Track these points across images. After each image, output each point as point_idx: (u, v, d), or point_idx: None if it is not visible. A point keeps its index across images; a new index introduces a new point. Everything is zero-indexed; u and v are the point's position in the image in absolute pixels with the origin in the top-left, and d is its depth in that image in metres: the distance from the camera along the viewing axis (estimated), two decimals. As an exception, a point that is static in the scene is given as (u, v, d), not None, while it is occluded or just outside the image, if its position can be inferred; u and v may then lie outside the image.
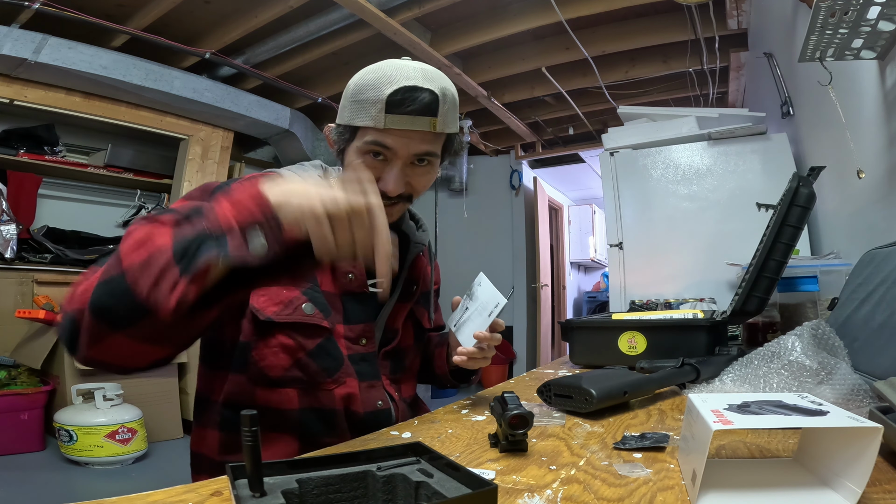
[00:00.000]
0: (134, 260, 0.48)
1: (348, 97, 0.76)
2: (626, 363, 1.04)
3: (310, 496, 0.40)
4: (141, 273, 0.47)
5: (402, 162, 0.74)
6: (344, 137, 0.77)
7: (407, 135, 0.73)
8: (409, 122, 0.72)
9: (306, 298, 0.77)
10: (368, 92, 0.72)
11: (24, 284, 3.12)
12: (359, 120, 0.73)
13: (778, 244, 1.07)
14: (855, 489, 0.39)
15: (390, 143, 0.73)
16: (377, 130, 0.72)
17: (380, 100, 0.71)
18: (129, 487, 1.66)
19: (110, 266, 0.50)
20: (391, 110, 0.71)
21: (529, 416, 0.56)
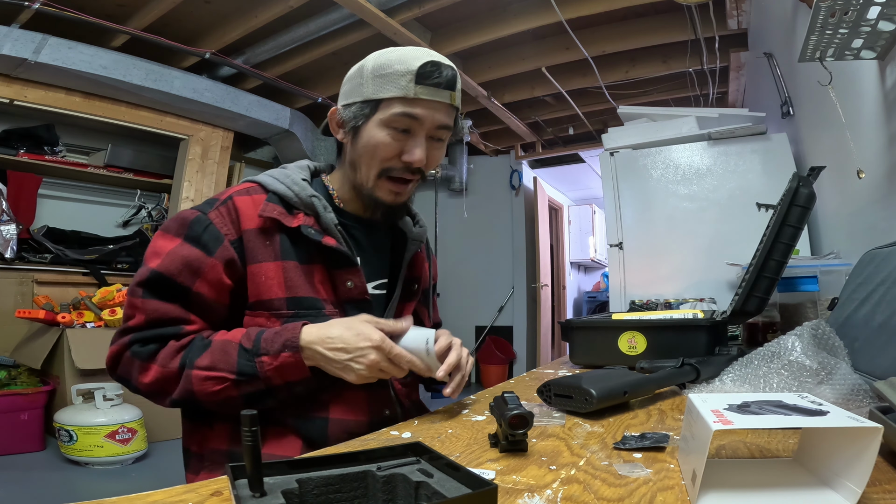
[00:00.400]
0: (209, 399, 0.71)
1: (368, 74, 0.77)
2: (626, 363, 1.04)
3: (310, 496, 0.40)
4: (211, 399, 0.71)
5: (425, 134, 0.78)
6: (364, 113, 0.78)
7: (433, 106, 0.76)
8: (436, 94, 0.76)
9: None
10: (395, 66, 0.75)
11: (24, 284, 3.13)
12: (385, 92, 0.75)
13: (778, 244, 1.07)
14: (855, 489, 0.39)
15: (419, 112, 0.76)
16: (406, 101, 0.75)
17: (410, 71, 0.74)
18: (129, 487, 1.66)
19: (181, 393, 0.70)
20: (421, 81, 0.75)
21: (529, 416, 0.56)
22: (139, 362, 0.71)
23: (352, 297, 0.80)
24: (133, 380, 0.73)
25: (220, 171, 3.96)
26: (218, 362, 0.68)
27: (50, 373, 2.89)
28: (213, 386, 0.68)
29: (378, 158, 0.78)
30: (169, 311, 0.73)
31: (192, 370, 0.68)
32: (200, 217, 0.76)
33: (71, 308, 2.97)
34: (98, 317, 3.00)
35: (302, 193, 0.79)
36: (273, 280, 0.76)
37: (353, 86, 0.80)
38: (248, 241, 0.76)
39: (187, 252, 0.73)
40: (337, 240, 0.78)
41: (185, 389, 0.69)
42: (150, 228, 3.92)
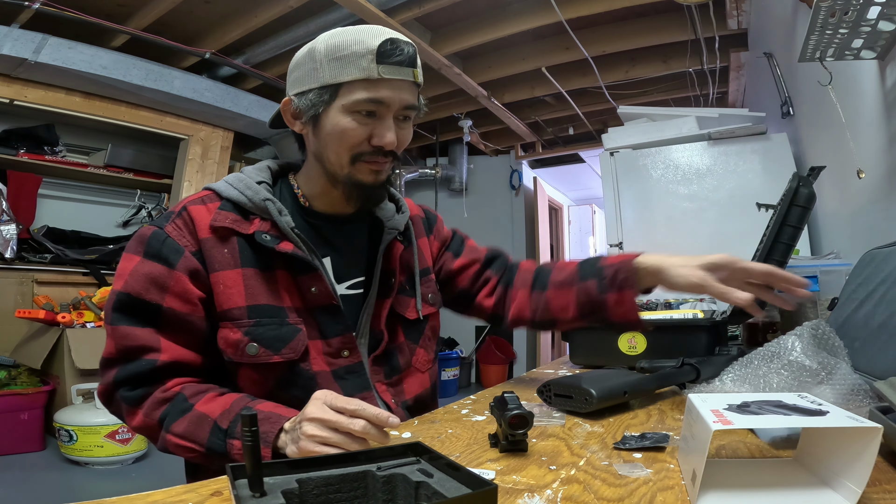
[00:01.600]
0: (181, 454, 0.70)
1: (321, 57, 0.72)
2: (626, 363, 1.04)
3: (310, 496, 0.40)
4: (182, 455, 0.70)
5: (393, 115, 0.74)
6: (323, 99, 0.73)
7: (398, 85, 0.73)
8: (399, 72, 0.72)
9: (248, 339, 0.73)
10: (353, 46, 0.71)
11: (24, 284, 3.13)
12: (345, 74, 0.71)
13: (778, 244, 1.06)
14: (855, 489, 0.39)
15: (385, 95, 0.72)
16: (369, 83, 0.71)
17: (370, 50, 0.70)
18: (129, 487, 1.66)
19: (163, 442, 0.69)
20: (382, 60, 0.70)
21: (529, 416, 0.56)
22: (126, 406, 0.71)
23: (319, 304, 0.76)
24: (124, 420, 0.74)
25: (220, 171, 3.96)
26: (191, 433, 0.66)
27: (50, 373, 2.89)
28: (186, 453, 0.68)
29: (346, 146, 0.74)
30: (138, 336, 0.70)
31: (167, 433, 0.68)
32: (157, 232, 0.73)
33: (71, 308, 2.97)
34: (98, 317, 3.00)
35: (255, 198, 0.76)
36: (233, 289, 0.73)
37: (305, 71, 0.75)
38: (207, 251, 0.73)
39: (149, 269, 0.71)
40: (295, 244, 0.74)
41: (164, 447, 0.70)
42: (150, 228, 3.92)
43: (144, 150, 3.91)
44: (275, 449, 0.61)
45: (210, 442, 0.65)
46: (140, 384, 0.71)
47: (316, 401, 0.59)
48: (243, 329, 0.73)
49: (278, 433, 0.61)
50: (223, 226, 0.74)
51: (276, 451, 0.61)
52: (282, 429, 0.61)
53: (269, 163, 0.85)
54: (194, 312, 0.72)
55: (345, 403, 0.57)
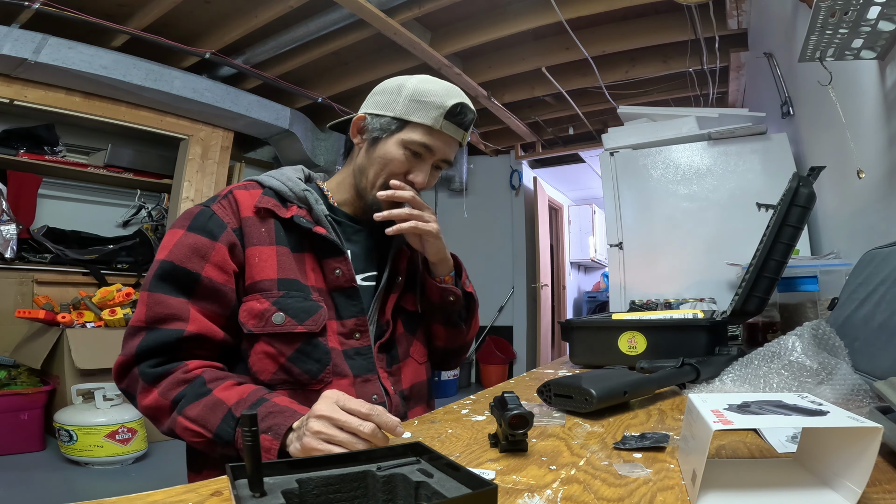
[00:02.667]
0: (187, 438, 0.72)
1: (406, 95, 0.85)
2: (626, 363, 1.04)
3: (310, 496, 0.40)
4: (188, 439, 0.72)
5: (432, 163, 0.87)
6: (390, 128, 0.85)
7: (448, 141, 0.87)
8: (454, 132, 0.86)
9: (276, 308, 0.79)
10: (432, 97, 0.84)
11: (24, 284, 3.13)
12: (416, 116, 0.84)
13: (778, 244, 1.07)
14: (855, 489, 0.39)
15: (436, 144, 0.85)
16: (430, 131, 0.84)
17: (444, 106, 0.84)
18: (129, 487, 1.66)
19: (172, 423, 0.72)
20: (449, 118, 0.84)
21: (529, 416, 0.56)
22: (143, 383, 0.73)
23: (339, 285, 0.84)
24: (135, 397, 0.75)
25: (220, 171, 3.96)
26: (203, 418, 0.68)
27: (50, 373, 2.89)
28: (192, 437, 0.70)
29: (387, 171, 0.86)
30: (170, 304, 0.75)
31: (179, 415, 0.70)
32: (204, 210, 0.82)
33: (71, 308, 2.97)
34: (98, 317, 3.00)
35: (295, 188, 0.86)
36: (267, 262, 0.80)
37: (387, 100, 0.87)
38: (247, 227, 0.81)
39: (193, 240, 0.78)
40: (326, 229, 0.84)
41: (170, 429, 0.72)
42: (150, 228, 3.92)
43: (144, 150, 3.91)
44: (282, 445, 0.62)
45: (220, 429, 0.67)
46: (163, 356, 0.74)
47: (326, 399, 0.61)
48: (272, 299, 0.79)
49: (288, 431, 0.63)
50: (265, 207, 0.83)
51: (283, 446, 0.62)
52: (292, 427, 0.63)
53: (302, 167, 0.95)
54: (228, 283, 0.79)
55: (357, 406, 0.59)
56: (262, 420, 0.64)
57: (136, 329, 0.75)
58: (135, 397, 0.75)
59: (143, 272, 3.67)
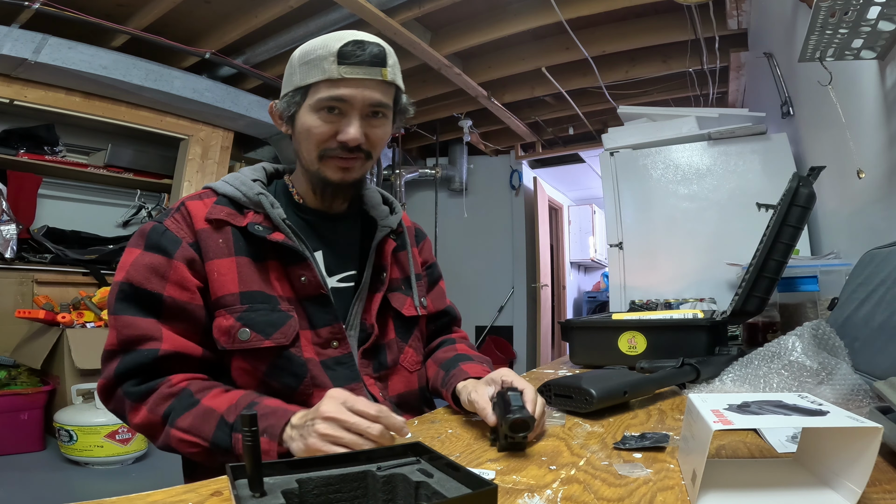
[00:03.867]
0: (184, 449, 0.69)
1: (295, 64, 0.79)
2: (626, 363, 1.04)
3: (310, 496, 0.40)
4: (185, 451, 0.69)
5: (359, 113, 0.77)
6: (295, 101, 0.79)
7: (360, 83, 0.76)
8: (361, 72, 0.75)
9: (241, 324, 0.75)
10: (318, 51, 0.76)
11: (24, 284, 3.12)
12: (311, 77, 0.76)
13: (778, 244, 1.07)
14: (855, 489, 0.39)
15: (345, 93, 0.75)
16: (331, 83, 0.75)
17: (331, 53, 0.75)
18: (129, 487, 1.66)
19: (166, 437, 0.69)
20: (343, 61, 0.74)
21: (531, 420, 0.56)
22: (129, 402, 0.71)
23: (308, 294, 0.79)
24: (125, 416, 0.73)
25: (220, 171, 3.96)
26: (196, 428, 0.66)
27: (50, 373, 2.89)
28: (189, 448, 0.67)
29: (313, 142, 0.79)
30: (140, 325, 0.72)
31: (171, 428, 0.68)
32: (156, 226, 0.77)
33: (71, 308, 2.97)
34: (98, 317, 3.00)
35: (249, 193, 0.80)
36: (226, 276, 0.76)
37: (285, 78, 0.81)
38: (203, 241, 0.77)
39: (149, 259, 0.74)
40: (286, 235, 0.78)
41: (166, 444, 0.69)
42: (150, 228, 3.92)
43: (144, 150, 3.91)
44: (280, 443, 0.61)
45: (215, 437, 0.65)
46: (142, 376, 0.71)
47: (332, 399, 0.59)
48: (235, 315, 0.75)
49: (284, 426, 0.61)
50: (218, 218, 0.78)
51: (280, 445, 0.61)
52: (288, 422, 0.62)
53: (265, 164, 0.90)
54: (193, 300, 0.75)
55: (365, 407, 0.58)
56: None
57: (111, 353, 0.72)
58: (125, 416, 0.73)
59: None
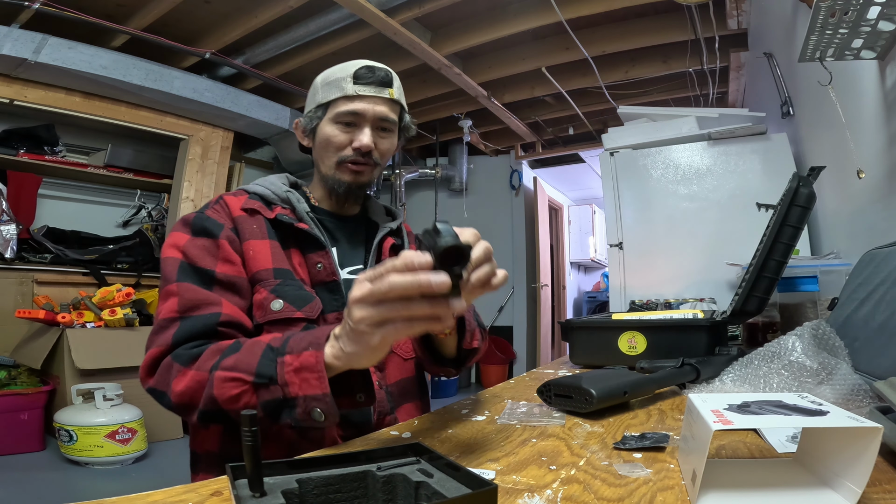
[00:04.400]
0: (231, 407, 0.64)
1: (317, 86, 0.93)
2: (626, 363, 1.04)
3: (310, 496, 0.40)
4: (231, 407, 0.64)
5: (370, 124, 0.89)
6: (317, 116, 0.91)
7: (372, 100, 0.89)
8: (372, 90, 0.89)
9: (274, 296, 0.81)
10: (337, 74, 0.90)
11: (24, 284, 3.13)
12: (331, 95, 0.89)
13: (778, 244, 1.07)
14: (855, 489, 0.39)
15: (359, 107, 0.88)
16: (347, 98, 0.88)
17: (348, 74, 0.89)
18: (129, 487, 1.66)
19: (208, 399, 0.65)
20: (357, 81, 0.89)
21: (467, 248, 0.46)
22: (178, 366, 0.68)
23: (322, 279, 0.86)
24: (167, 389, 0.69)
25: (220, 171, 3.96)
26: (241, 362, 0.63)
27: (50, 373, 2.89)
28: (232, 389, 0.62)
29: (332, 149, 0.90)
30: (201, 292, 0.76)
31: (216, 371, 0.64)
32: (199, 215, 0.86)
33: (71, 308, 2.97)
34: (98, 317, 3.00)
35: (278, 191, 0.92)
36: (261, 254, 0.84)
37: (310, 97, 0.94)
38: (239, 225, 0.86)
39: (199, 242, 0.82)
40: (309, 225, 0.88)
41: (208, 395, 0.64)
42: (150, 228, 3.92)
43: (144, 150, 3.91)
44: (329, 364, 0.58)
45: (260, 366, 0.61)
46: (199, 340, 0.71)
47: (356, 284, 0.52)
48: (269, 287, 0.82)
49: (327, 338, 0.59)
50: (252, 207, 0.88)
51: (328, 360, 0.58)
52: (331, 335, 0.59)
53: (287, 175, 1.00)
54: (240, 274, 0.82)
55: (389, 265, 0.50)
56: (299, 344, 0.60)
57: (169, 320, 0.73)
58: (166, 391, 0.69)
59: (143, 272, 3.67)
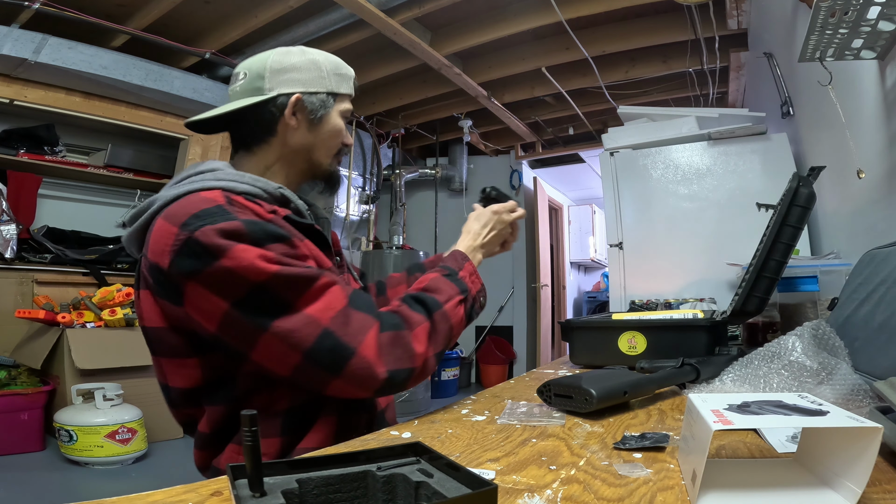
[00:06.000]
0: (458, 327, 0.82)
1: (327, 70, 0.89)
2: (626, 363, 1.04)
3: (310, 496, 0.40)
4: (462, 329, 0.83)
5: None
6: (329, 103, 0.89)
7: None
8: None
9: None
10: (343, 69, 0.91)
11: (24, 284, 3.13)
12: (343, 89, 0.91)
13: (778, 244, 1.07)
14: (855, 489, 0.39)
15: (352, 109, 0.94)
16: (350, 99, 0.93)
17: (351, 75, 0.93)
18: (129, 487, 1.66)
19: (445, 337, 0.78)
20: (354, 85, 0.94)
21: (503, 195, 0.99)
22: (406, 332, 0.72)
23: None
24: (409, 355, 0.70)
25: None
26: (446, 291, 0.80)
27: (50, 373, 2.89)
28: (458, 309, 0.80)
29: (338, 142, 0.91)
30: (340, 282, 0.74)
31: (443, 307, 0.78)
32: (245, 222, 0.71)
33: (71, 308, 2.97)
34: (98, 317, 3.00)
35: (268, 188, 0.80)
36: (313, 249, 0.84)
37: (310, 77, 0.87)
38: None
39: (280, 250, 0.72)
40: (320, 226, 0.85)
41: (446, 329, 0.77)
42: (150, 228, 3.91)
43: (144, 150, 3.90)
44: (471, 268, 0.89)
45: (459, 285, 0.83)
46: (375, 311, 0.73)
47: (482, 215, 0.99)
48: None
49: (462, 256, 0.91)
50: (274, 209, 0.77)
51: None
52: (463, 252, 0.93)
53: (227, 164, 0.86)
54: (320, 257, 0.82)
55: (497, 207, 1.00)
56: (454, 264, 0.88)
57: (345, 309, 0.69)
58: (409, 356, 0.70)
59: (143, 272, 3.66)
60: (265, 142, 0.86)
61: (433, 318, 0.75)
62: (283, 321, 0.66)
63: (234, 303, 0.66)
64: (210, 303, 0.67)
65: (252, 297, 0.66)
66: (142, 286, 0.77)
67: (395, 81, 4.13)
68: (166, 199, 0.75)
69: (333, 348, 0.66)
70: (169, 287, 0.70)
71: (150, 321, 0.76)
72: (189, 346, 0.74)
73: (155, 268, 0.71)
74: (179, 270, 0.67)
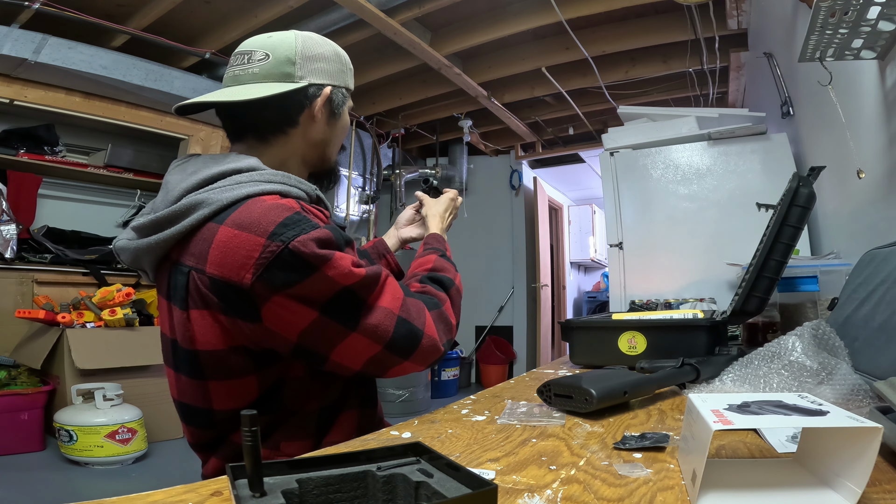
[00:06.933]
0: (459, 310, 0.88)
1: (345, 63, 0.86)
2: (626, 363, 1.04)
3: (310, 496, 0.40)
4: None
5: None
6: (347, 99, 0.87)
7: None
8: None
9: None
10: (350, 64, 0.88)
11: (24, 284, 3.12)
12: (351, 84, 0.88)
13: (778, 244, 1.07)
14: (855, 489, 0.39)
15: None
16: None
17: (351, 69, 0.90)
18: (129, 487, 1.66)
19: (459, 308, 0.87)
20: None
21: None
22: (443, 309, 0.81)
23: None
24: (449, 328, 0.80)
25: (220, 172, 3.95)
26: (451, 269, 0.91)
27: (50, 373, 2.89)
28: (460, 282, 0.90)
29: (344, 138, 0.91)
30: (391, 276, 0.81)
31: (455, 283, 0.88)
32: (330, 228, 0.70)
33: (71, 308, 2.97)
34: (98, 317, 3.00)
35: (309, 190, 0.77)
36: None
37: (335, 68, 0.83)
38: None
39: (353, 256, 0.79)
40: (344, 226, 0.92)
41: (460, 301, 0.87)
42: (150, 228, 3.91)
43: (144, 150, 3.90)
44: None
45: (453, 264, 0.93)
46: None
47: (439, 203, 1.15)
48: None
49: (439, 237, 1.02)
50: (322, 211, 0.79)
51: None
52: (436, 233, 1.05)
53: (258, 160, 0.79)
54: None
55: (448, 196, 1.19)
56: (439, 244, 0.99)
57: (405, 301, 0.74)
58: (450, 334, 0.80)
59: (143, 272, 3.66)
60: (284, 132, 0.80)
61: (450, 293, 0.85)
62: (368, 318, 0.69)
63: (323, 309, 0.66)
64: (296, 314, 0.65)
65: (340, 300, 0.67)
66: (194, 306, 0.68)
67: (395, 81, 4.13)
68: (221, 203, 0.67)
69: (407, 334, 0.72)
70: (245, 304, 0.64)
71: (206, 344, 0.69)
72: (251, 365, 0.70)
73: (225, 284, 0.64)
74: (269, 285, 0.63)
